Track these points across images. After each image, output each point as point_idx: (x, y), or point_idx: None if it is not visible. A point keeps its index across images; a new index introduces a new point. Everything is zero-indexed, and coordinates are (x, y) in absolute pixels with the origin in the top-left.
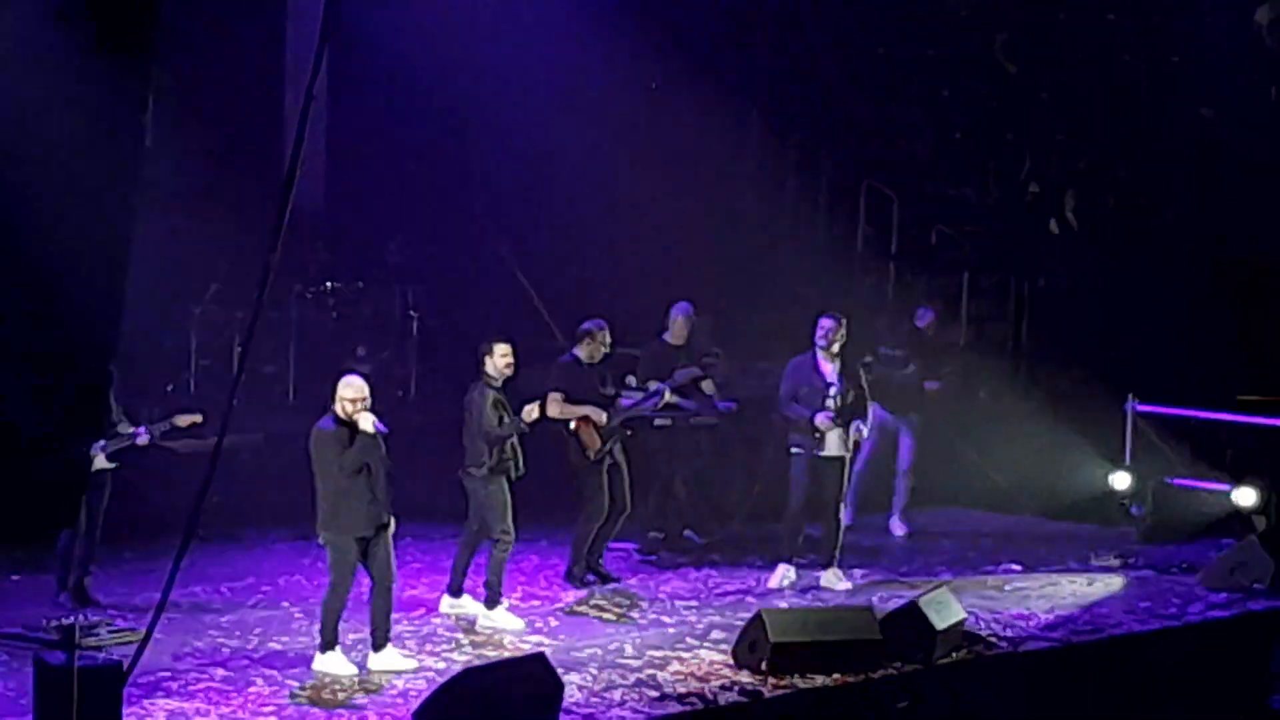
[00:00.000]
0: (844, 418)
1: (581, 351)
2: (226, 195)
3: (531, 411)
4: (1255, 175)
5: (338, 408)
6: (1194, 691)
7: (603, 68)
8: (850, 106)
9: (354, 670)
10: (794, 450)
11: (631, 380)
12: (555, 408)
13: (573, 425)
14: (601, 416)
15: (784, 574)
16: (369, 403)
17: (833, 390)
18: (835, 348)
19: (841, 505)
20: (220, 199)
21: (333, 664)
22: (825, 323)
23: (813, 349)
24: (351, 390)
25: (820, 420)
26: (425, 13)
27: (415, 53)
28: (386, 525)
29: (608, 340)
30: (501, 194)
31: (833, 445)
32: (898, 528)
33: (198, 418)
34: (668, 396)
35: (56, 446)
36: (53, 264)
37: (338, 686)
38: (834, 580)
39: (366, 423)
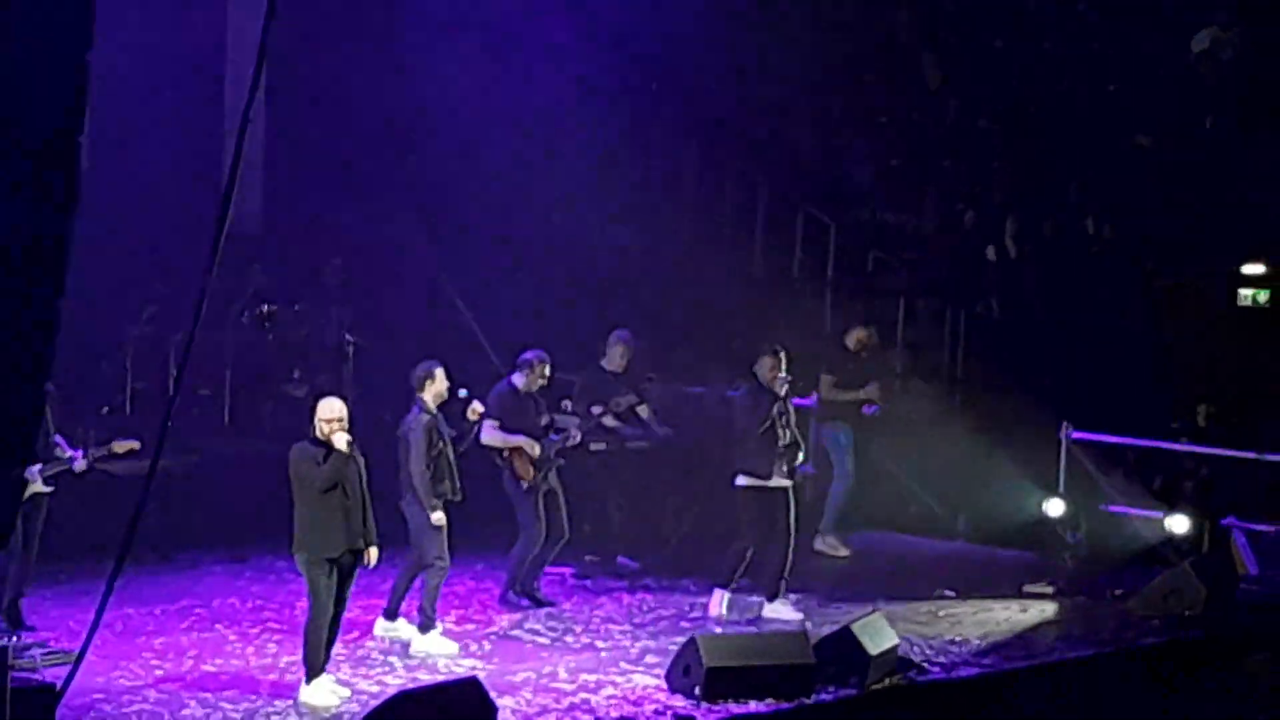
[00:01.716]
0: (790, 448)
1: (520, 380)
2: (163, 216)
3: (476, 410)
4: (1191, 203)
5: (315, 428)
6: (1127, 718)
7: (540, 94)
8: (788, 133)
9: (340, 700)
10: (744, 482)
11: (568, 405)
12: (490, 435)
13: (505, 454)
14: (535, 448)
15: (722, 599)
16: (345, 423)
17: (785, 421)
18: (783, 381)
19: (791, 535)
20: (157, 220)
21: (319, 694)
22: (765, 360)
23: (756, 381)
24: (328, 411)
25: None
26: (365, 35)
27: (355, 75)
28: (359, 552)
29: (547, 372)
30: (441, 219)
31: (782, 475)
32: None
33: (135, 444)
34: (605, 421)
35: None
36: None
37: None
38: (781, 610)
39: (341, 442)
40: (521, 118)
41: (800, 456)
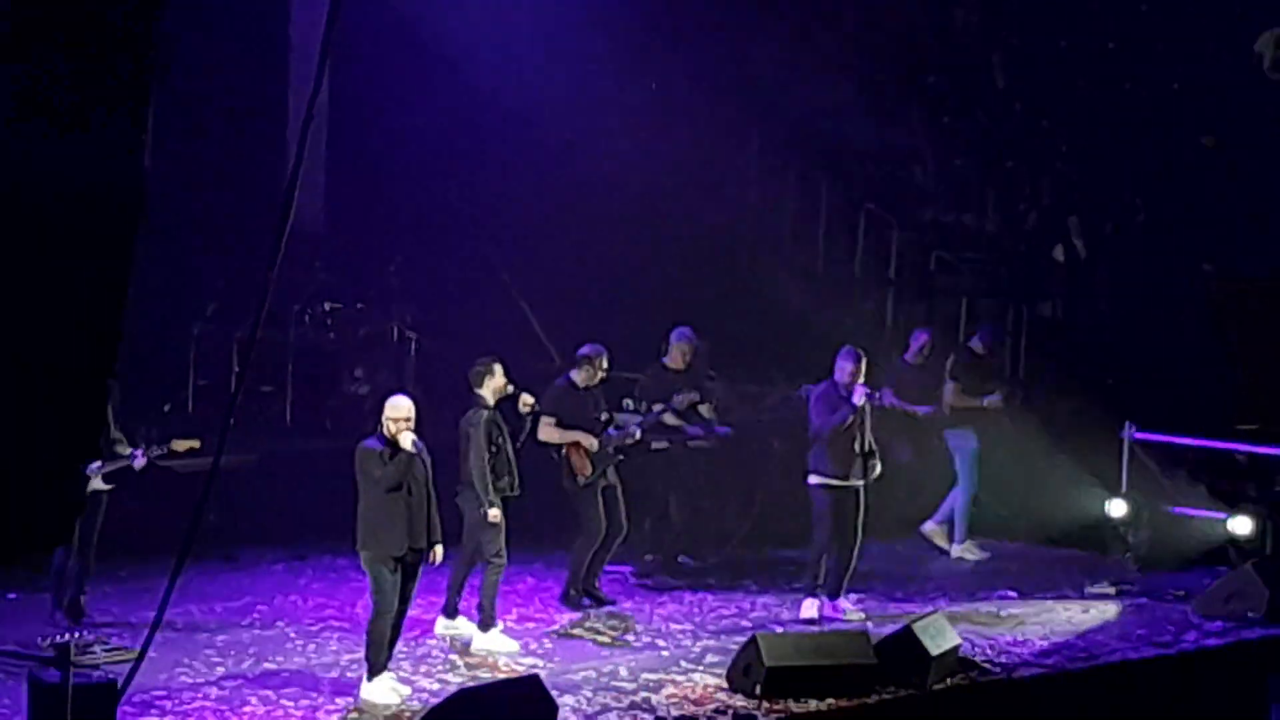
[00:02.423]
0: (865, 447)
1: (578, 376)
2: (226, 214)
3: (526, 401)
4: (1257, 202)
5: (383, 426)
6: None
7: (606, 92)
8: (850, 132)
9: (400, 697)
10: (813, 481)
11: (629, 403)
12: (547, 431)
13: (563, 450)
14: (593, 443)
15: (814, 605)
16: (412, 423)
17: (859, 398)
18: (860, 386)
19: (858, 535)
20: (220, 218)
21: (379, 691)
22: (847, 365)
23: (831, 379)
24: (395, 410)
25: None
26: (427, 35)
27: (417, 74)
28: (422, 551)
29: (605, 365)
30: (502, 217)
31: (857, 474)
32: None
33: (195, 443)
34: (666, 419)
35: (50, 463)
36: (52, 280)
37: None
38: (846, 609)
39: (406, 441)
40: (584, 125)
41: (877, 467)
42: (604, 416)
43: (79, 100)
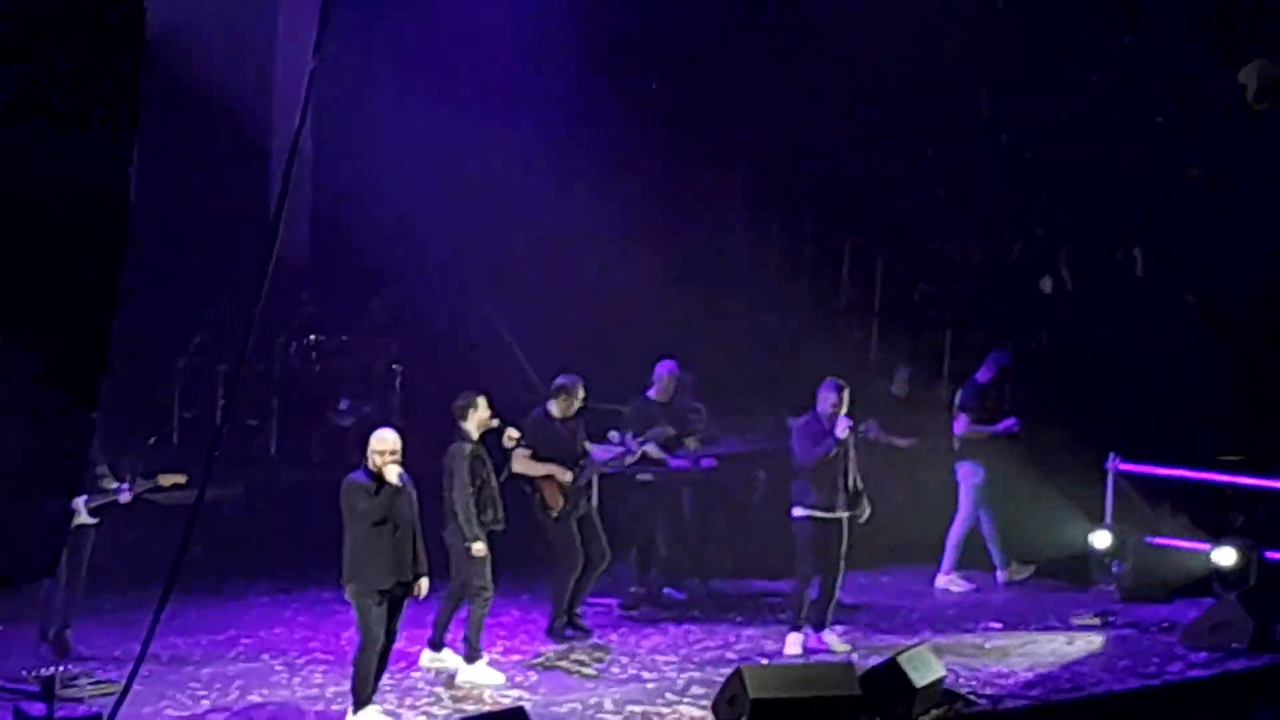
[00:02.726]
0: (848, 480)
1: (555, 407)
2: (211, 247)
3: (511, 435)
4: (1242, 236)
5: (368, 460)
6: None
7: (590, 126)
8: (835, 163)
9: None
10: (797, 514)
11: (614, 435)
12: (522, 463)
13: (537, 482)
14: (566, 476)
15: (797, 641)
16: (398, 456)
17: (840, 453)
18: (843, 418)
19: (840, 566)
20: (205, 251)
21: None
22: (830, 396)
23: (814, 413)
24: (381, 443)
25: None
26: (412, 69)
27: (402, 108)
28: (409, 584)
29: (581, 396)
30: (486, 250)
31: (840, 506)
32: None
33: (181, 478)
34: (638, 453)
35: (35, 496)
36: (37, 312)
37: None
38: (830, 641)
39: (393, 475)
40: (568, 158)
41: (866, 510)
42: (583, 448)
43: (73, 101)
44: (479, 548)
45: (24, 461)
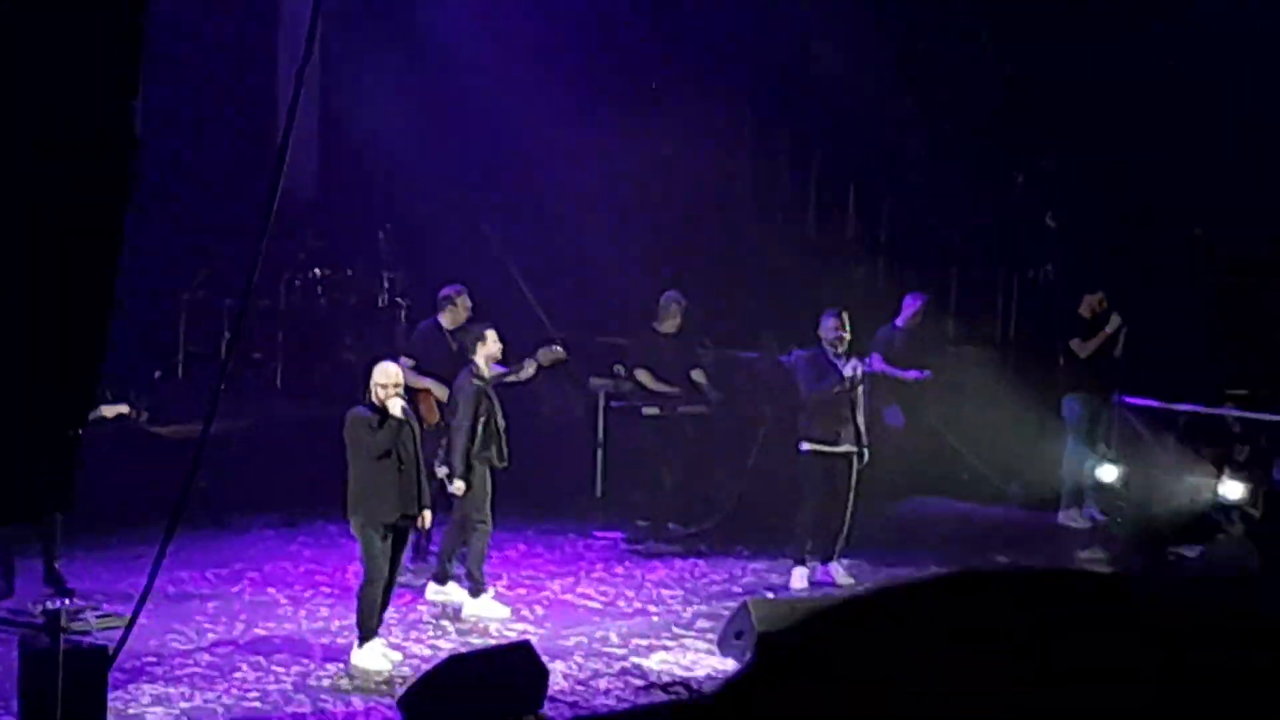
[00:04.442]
0: (854, 413)
1: (445, 318)
2: (217, 181)
3: (552, 354)
4: (1248, 169)
5: (371, 394)
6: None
7: (597, 62)
8: (842, 100)
9: (391, 663)
10: (804, 448)
11: (620, 369)
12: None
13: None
14: (443, 391)
15: (803, 575)
16: (401, 389)
17: (849, 385)
18: (845, 342)
19: (850, 500)
20: (210, 185)
21: (371, 657)
22: (831, 323)
23: (820, 345)
24: (384, 376)
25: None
26: (419, 2)
27: (409, 41)
28: (413, 517)
29: (468, 305)
30: (492, 183)
31: (848, 440)
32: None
33: (124, 408)
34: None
35: (43, 430)
36: (42, 248)
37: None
38: (837, 574)
39: (396, 408)
40: (577, 82)
41: (864, 454)
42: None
43: (75, 36)
44: (459, 485)
45: (28, 397)
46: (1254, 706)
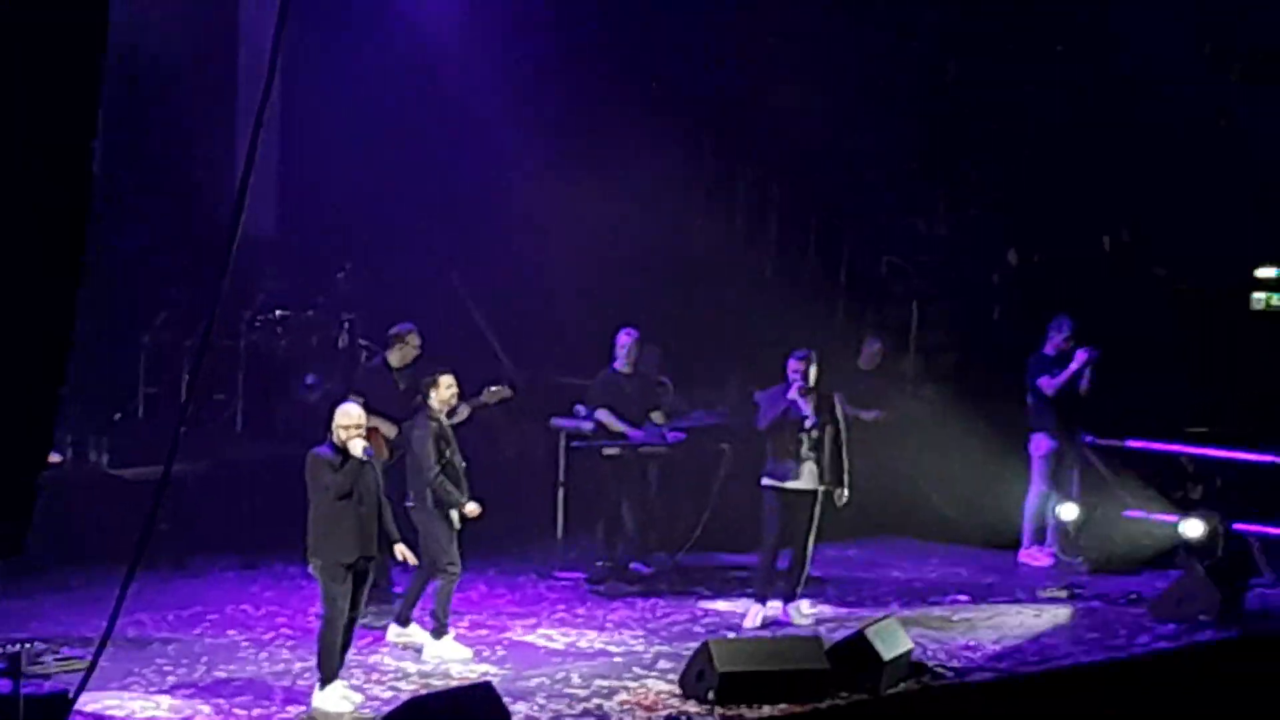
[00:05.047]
0: (818, 452)
1: (393, 356)
2: (176, 221)
3: (498, 393)
4: (1208, 208)
5: (333, 435)
6: None
7: (558, 103)
8: (801, 136)
9: (352, 705)
10: (766, 483)
11: (581, 409)
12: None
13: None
14: (391, 430)
15: (758, 614)
16: (363, 430)
17: (809, 423)
18: (811, 382)
19: (810, 540)
20: (169, 225)
21: (331, 700)
22: (796, 364)
23: (787, 383)
24: (346, 418)
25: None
26: (380, 40)
27: (369, 80)
28: (373, 558)
29: (417, 344)
30: (453, 224)
31: (806, 478)
32: None
33: (55, 456)
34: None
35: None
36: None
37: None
38: (796, 614)
39: (357, 449)
40: (536, 121)
41: (844, 495)
42: (417, 401)
43: (33, 74)
44: (473, 507)
45: None
46: None
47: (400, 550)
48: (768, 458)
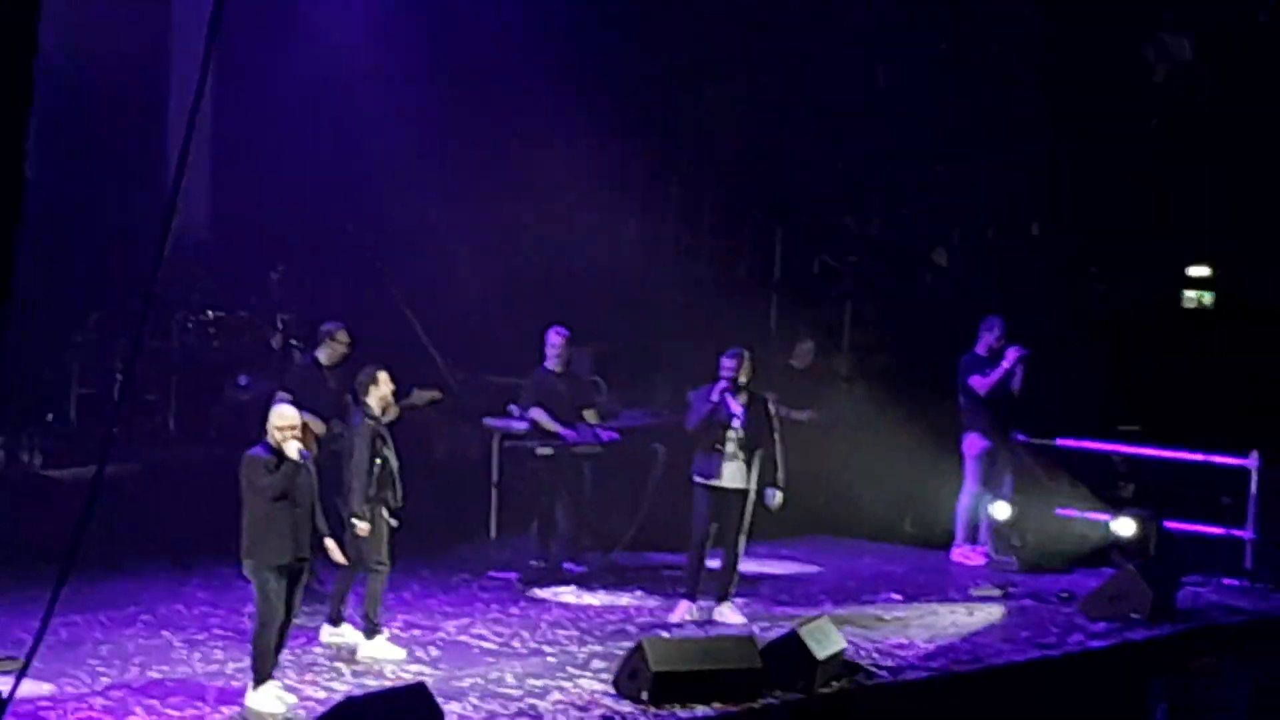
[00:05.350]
0: (748, 451)
1: (323, 354)
2: (108, 222)
3: (427, 395)
4: (1136, 207)
5: (269, 436)
6: None
7: (487, 100)
8: (734, 136)
9: (286, 706)
10: (696, 480)
11: (514, 409)
12: None
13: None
14: (320, 427)
15: (686, 610)
16: (298, 431)
17: (735, 422)
18: (742, 381)
19: (741, 539)
20: (102, 226)
21: (265, 700)
22: (727, 363)
23: (719, 381)
24: (280, 419)
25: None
26: (312, 44)
27: (302, 83)
28: (307, 559)
29: (346, 342)
30: (385, 225)
31: (733, 477)
32: None
33: None
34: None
35: None
36: None
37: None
38: (728, 614)
39: (292, 450)
40: (466, 121)
41: (777, 496)
42: (347, 399)
43: None
44: (363, 527)
45: None
46: None
47: (330, 545)
48: (695, 455)
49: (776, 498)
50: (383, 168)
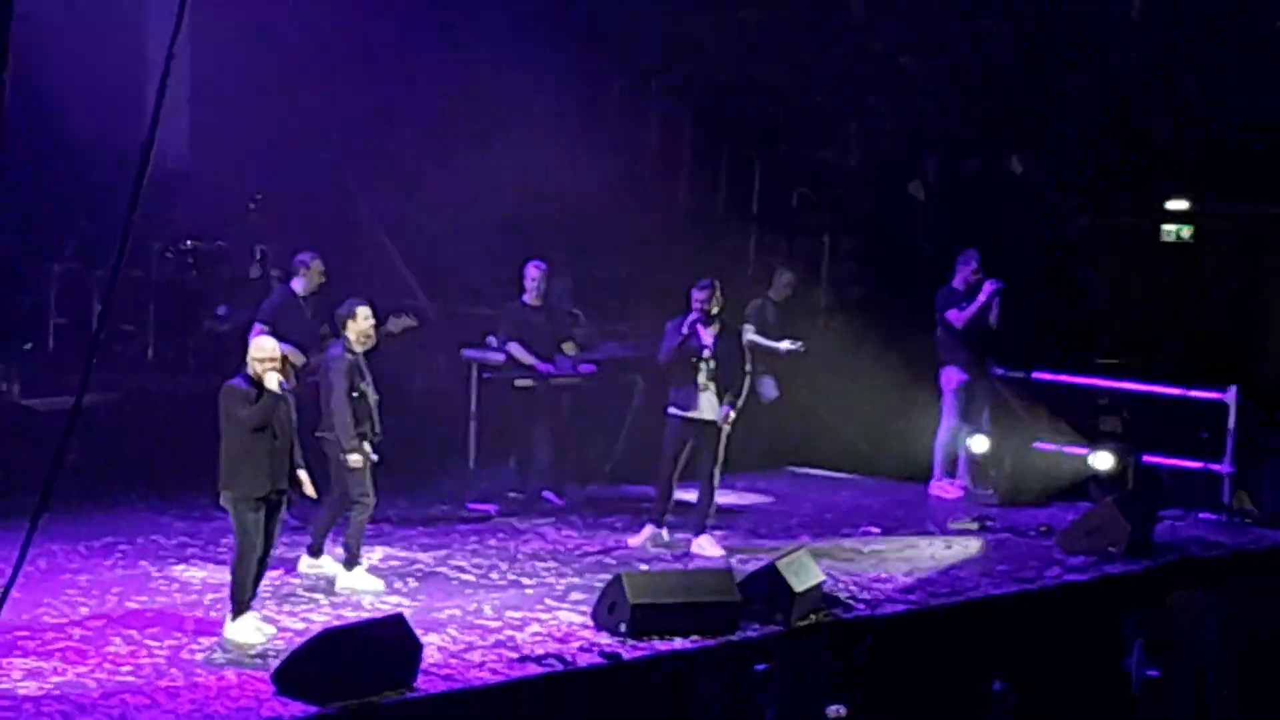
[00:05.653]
0: (720, 384)
1: (298, 284)
2: (87, 150)
3: (403, 322)
4: (1115, 141)
5: (248, 367)
6: (1050, 654)
7: (466, 30)
8: (712, 68)
9: (265, 636)
10: (671, 411)
11: (492, 340)
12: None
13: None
14: (300, 359)
15: (650, 535)
16: (278, 363)
17: (706, 353)
18: (713, 312)
19: (716, 471)
20: (80, 155)
21: (244, 630)
22: (697, 294)
23: (690, 313)
24: (260, 350)
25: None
26: None
27: (278, 13)
28: (285, 491)
29: (322, 269)
30: (369, 156)
31: (706, 408)
32: None
33: None
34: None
35: None
36: None
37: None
38: (706, 546)
39: (272, 382)
40: (438, 56)
41: (729, 414)
42: (324, 330)
43: None
44: (355, 459)
45: None
46: None
47: (302, 476)
48: (671, 388)
49: (729, 418)
50: (358, 96)
